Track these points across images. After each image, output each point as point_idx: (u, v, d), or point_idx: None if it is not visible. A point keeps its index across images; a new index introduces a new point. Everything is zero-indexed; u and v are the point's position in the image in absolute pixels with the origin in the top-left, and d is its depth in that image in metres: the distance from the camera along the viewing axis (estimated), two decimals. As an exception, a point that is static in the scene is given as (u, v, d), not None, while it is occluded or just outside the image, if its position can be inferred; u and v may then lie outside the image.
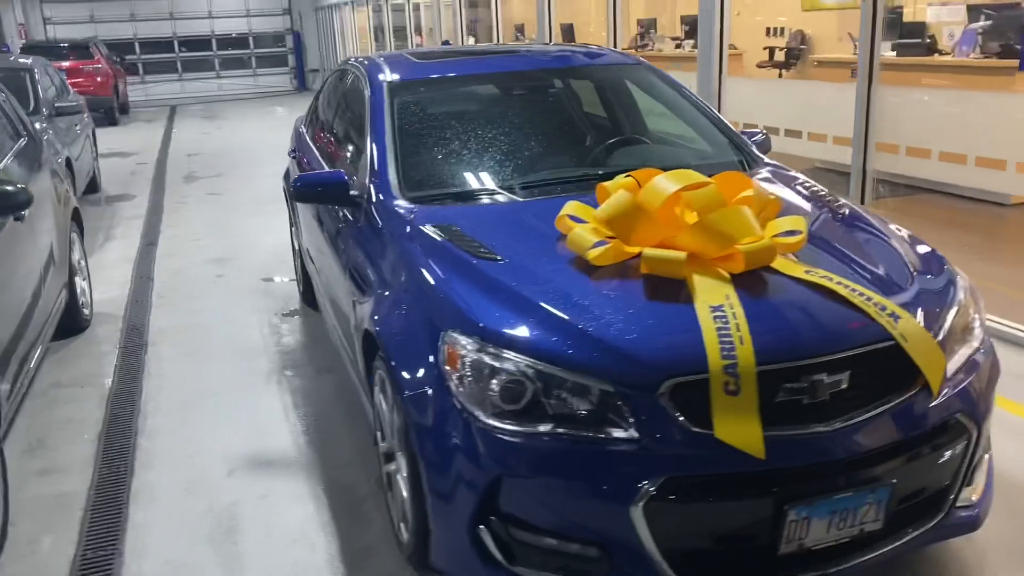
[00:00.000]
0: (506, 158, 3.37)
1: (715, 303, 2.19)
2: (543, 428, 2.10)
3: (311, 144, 4.55)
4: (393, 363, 2.39)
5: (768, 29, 13.20)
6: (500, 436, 2.12)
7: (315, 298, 4.90)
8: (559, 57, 4.12)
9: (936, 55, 7.66)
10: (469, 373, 2.20)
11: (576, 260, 2.45)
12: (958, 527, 2.36)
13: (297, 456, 3.38)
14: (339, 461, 3.33)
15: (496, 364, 2.17)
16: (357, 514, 2.97)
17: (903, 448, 2.16)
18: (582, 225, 2.55)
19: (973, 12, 7.20)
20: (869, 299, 2.25)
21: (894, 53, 7.74)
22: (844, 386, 2.13)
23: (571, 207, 2.67)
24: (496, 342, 2.19)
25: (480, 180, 3.21)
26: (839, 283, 2.30)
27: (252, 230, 7.24)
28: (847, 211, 2.93)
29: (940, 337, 2.28)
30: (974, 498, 2.39)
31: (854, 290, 2.28)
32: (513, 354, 2.16)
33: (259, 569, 2.69)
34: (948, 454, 2.24)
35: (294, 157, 4.90)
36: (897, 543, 2.22)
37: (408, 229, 2.79)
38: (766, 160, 3.44)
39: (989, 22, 6.84)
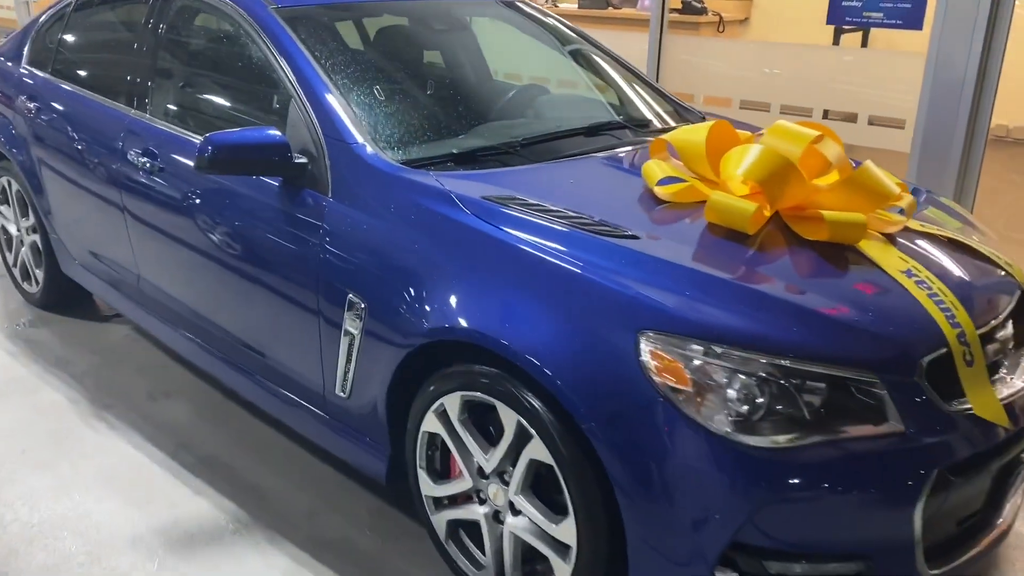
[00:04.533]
0: (474, 111, 2.79)
1: (902, 268, 2.01)
2: (802, 436, 1.75)
3: (77, 93, 3.33)
4: (557, 381, 1.81)
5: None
6: (756, 454, 1.73)
7: (59, 299, 3.75)
8: None
9: (610, 8, 8.13)
10: (697, 382, 1.75)
11: (712, 229, 2.08)
12: None
13: (233, 519, 2.49)
14: (296, 514, 2.53)
15: (732, 367, 1.75)
16: (390, 573, 2.28)
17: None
18: (708, 187, 2.19)
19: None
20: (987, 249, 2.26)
21: (575, 6, 8.06)
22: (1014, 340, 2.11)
23: (656, 168, 2.27)
24: (725, 341, 1.76)
25: (467, 138, 2.58)
26: (960, 235, 2.27)
27: None
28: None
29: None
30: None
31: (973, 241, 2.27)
32: (751, 353, 1.76)
33: None
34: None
35: (20, 111, 3.57)
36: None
37: (459, 201, 2.13)
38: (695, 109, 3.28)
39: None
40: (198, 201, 2.70)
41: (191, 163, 2.68)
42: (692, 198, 2.20)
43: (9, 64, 3.81)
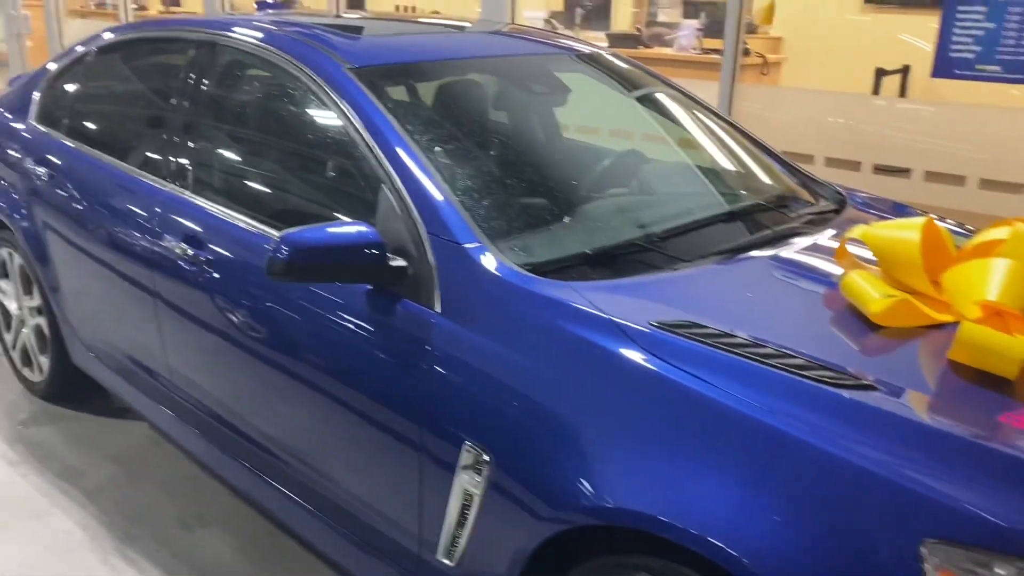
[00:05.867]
0: (582, 187, 2.31)
1: None
2: None
3: (97, 159, 2.82)
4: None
5: (397, 7, 12.72)
6: None
7: (66, 390, 3.25)
8: (545, 42, 2.93)
9: (642, 48, 7.72)
10: (1006, 615, 1.26)
11: (956, 369, 1.59)
12: None
13: None
14: None
15: (1057, 594, 1.26)
16: None
17: None
18: (931, 308, 1.70)
19: (690, 8, 7.35)
20: None
21: (605, 45, 7.65)
22: None
23: (864, 283, 1.78)
24: (1047, 554, 1.27)
25: (588, 226, 2.10)
26: None
27: None
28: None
29: None
30: None
31: None
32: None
33: None
34: None
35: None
36: None
37: (626, 332, 1.63)
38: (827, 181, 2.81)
39: (708, 19, 7.02)
40: (259, 301, 2.19)
41: (249, 258, 2.20)
42: (913, 322, 1.72)
43: (13, 119, 3.31)
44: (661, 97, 2.87)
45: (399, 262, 1.90)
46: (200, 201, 2.41)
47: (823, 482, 1.37)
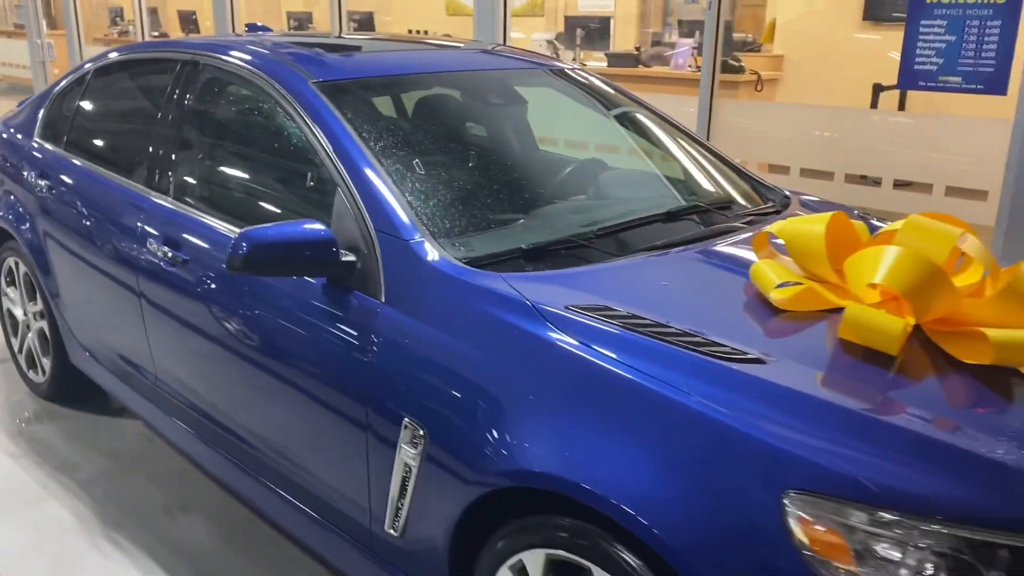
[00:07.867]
0: (534, 192, 2.47)
1: (1077, 397, 1.66)
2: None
3: (90, 170, 3.04)
4: (673, 547, 1.46)
5: (410, 30, 13.03)
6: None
7: (67, 391, 3.44)
8: (517, 58, 3.13)
9: (641, 67, 7.89)
10: (859, 558, 1.39)
11: (846, 347, 1.73)
12: None
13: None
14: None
15: (904, 539, 1.39)
16: None
17: None
18: (832, 293, 1.85)
19: (686, 27, 7.52)
20: None
21: (604, 64, 7.84)
22: None
23: (768, 270, 1.93)
24: (896, 505, 1.40)
25: (532, 226, 2.26)
26: None
27: None
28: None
29: None
30: None
31: None
32: (928, 521, 1.39)
33: None
34: None
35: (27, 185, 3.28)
36: None
37: (541, 314, 1.79)
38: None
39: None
40: (227, 297, 2.37)
41: (221, 257, 2.38)
42: (814, 306, 1.86)
43: (19, 136, 3.54)
44: (622, 109, 3.03)
45: (349, 257, 2.07)
46: (179, 206, 2.61)
47: (702, 443, 1.51)
